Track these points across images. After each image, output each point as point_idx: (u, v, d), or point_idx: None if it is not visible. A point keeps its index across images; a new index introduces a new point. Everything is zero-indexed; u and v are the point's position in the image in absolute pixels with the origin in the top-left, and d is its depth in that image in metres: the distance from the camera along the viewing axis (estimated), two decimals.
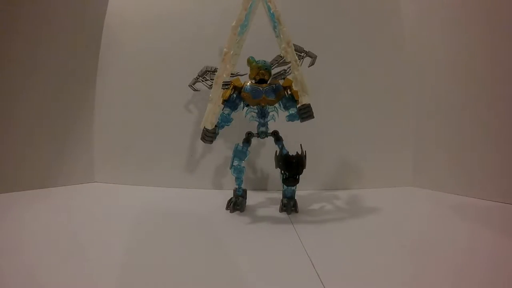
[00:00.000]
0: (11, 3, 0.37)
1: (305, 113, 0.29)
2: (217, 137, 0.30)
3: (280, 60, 0.35)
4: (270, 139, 0.32)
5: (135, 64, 0.46)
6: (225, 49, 0.24)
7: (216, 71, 0.33)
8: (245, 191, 0.32)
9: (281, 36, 0.26)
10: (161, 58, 0.45)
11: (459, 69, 0.38)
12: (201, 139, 0.28)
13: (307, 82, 0.28)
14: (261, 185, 0.44)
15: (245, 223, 0.28)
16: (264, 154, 0.43)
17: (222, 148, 0.43)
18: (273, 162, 0.31)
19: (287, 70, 0.34)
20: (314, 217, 0.31)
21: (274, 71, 0.35)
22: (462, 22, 0.37)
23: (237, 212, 0.31)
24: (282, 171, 0.31)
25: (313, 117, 0.30)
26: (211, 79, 0.37)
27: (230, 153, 0.32)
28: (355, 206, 0.34)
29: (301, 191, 0.35)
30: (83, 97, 0.45)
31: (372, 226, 0.27)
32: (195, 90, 0.39)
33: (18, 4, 0.38)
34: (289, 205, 0.31)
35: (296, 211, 0.31)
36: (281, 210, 0.31)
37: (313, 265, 0.19)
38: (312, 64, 0.36)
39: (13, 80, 0.38)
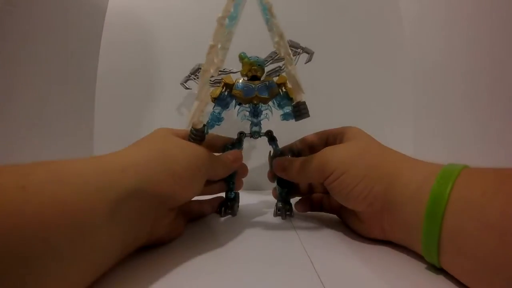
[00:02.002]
0: (9, 2, 0.36)
1: (300, 111, 0.27)
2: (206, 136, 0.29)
3: (275, 57, 0.33)
4: (264, 139, 0.31)
5: (135, 63, 0.44)
6: (211, 42, 0.22)
7: None
8: (237, 194, 0.31)
9: (274, 29, 0.25)
10: (162, 58, 0.44)
11: (458, 69, 0.36)
12: (188, 139, 0.27)
13: (301, 79, 0.26)
14: (255, 186, 0.42)
15: (240, 225, 0.27)
16: (258, 154, 0.42)
17: None
18: (267, 163, 0.30)
19: (282, 67, 0.33)
20: (314, 217, 0.30)
21: (269, 68, 0.33)
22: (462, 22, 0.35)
23: (230, 216, 0.30)
24: None
25: (309, 116, 0.28)
26: None
27: None
28: None
29: None
30: (83, 96, 0.44)
31: None
32: (187, 88, 0.37)
33: (17, 3, 0.37)
34: (284, 210, 0.29)
35: (291, 215, 0.29)
36: (275, 214, 0.30)
37: (313, 265, 0.19)
38: (309, 60, 0.35)
39: (12, 80, 0.37)
